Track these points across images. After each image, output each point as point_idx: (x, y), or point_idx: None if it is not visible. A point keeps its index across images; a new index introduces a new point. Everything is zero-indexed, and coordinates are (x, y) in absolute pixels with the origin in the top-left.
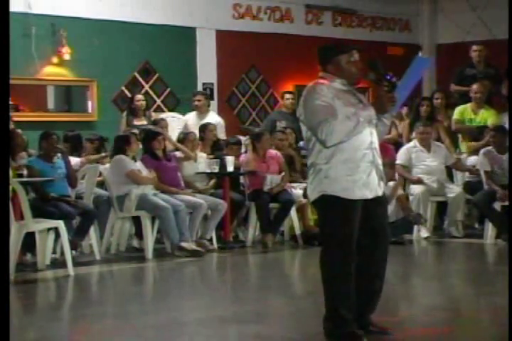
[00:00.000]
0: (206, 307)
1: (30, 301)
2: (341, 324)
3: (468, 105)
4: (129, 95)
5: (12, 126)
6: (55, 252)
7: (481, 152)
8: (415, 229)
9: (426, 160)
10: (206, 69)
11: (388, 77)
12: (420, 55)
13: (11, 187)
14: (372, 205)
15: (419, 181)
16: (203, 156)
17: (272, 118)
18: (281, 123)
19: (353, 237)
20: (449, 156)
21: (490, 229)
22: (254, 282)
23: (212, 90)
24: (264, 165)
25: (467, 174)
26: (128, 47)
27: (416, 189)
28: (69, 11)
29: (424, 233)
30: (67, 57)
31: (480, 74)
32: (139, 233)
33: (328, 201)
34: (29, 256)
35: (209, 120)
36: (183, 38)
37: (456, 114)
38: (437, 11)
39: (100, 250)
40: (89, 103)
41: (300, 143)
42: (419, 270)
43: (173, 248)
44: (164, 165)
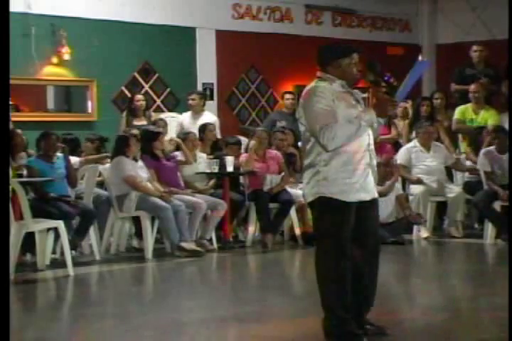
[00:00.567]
0: (206, 307)
1: (30, 301)
2: (339, 323)
3: (469, 105)
4: (128, 95)
5: (12, 126)
6: (54, 252)
7: (481, 152)
8: (415, 229)
9: (426, 161)
10: (206, 69)
11: (386, 78)
12: (420, 58)
13: (10, 187)
14: (366, 207)
15: (419, 181)
16: (202, 156)
17: (272, 118)
18: (281, 124)
19: (347, 239)
20: (449, 156)
21: (490, 229)
22: (254, 282)
23: (212, 90)
24: (264, 165)
25: (467, 174)
26: (128, 47)
27: (416, 189)
28: (69, 11)
29: (424, 233)
30: (67, 57)
31: (479, 75)
32: (139, 233)
33: (324, 203)
34: (29, 256)
35: (204, 120)
36: (183, 38)
37: (457, 113)
38: (437, 11)
39: (100, 250)
40: (89, 103)
41: (299, 143)
42: (419, 270)
43: (173, 248)
44: (164, 166)
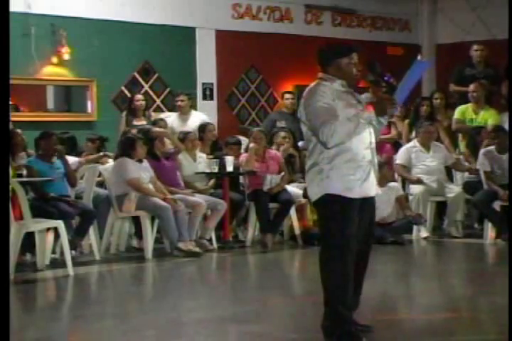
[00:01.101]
0: (206, 307)
1: (30, 301)
2: (341, 323)
3: (469, 105)
4: (128, 95)
5: (12, 125)
6: (54, 252)
7: (481, 152)
8: (415, 229)
9: (425, 160)
10: (206, 69)
11: (386, 78)
12: (419, 58)
13: (10, 187)
14: (365, 205)
15: (419, 181)
16: (202, 156)
17: (272, 118)
18: (281, 124)
19: (353, 235)
20: (449, 156)
21: (489, 229)
22: (254, 282)
23: (211, 90)
24: (264, 165)
25: (467, 174)
26: (128, 47)
27: (415, 189)
28: (69, 11)
29: (424, 233)
30: (67, 57)
31: (479, 74)
32: (139, 233)
33: (330, 200)
34: (29, 256)
35: (193, 120)
36: (183, 37)
37: (457, 113)
38: (437, 10)
39: (100, 250)
40: (89, 103)
41: (299, 143)
42: (419, 270)
43: (172, 248)
44: (163, 165)
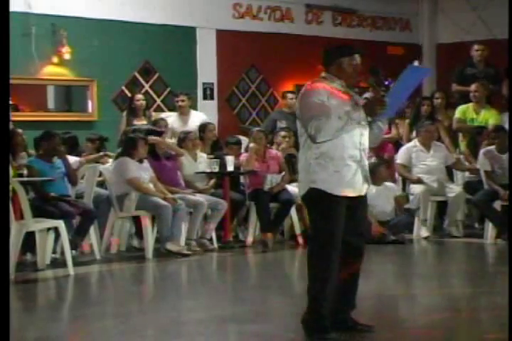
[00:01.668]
0: (206, 307)
1: (30, 301)
2: (319, 318)
3: (470, 105)
4: (129, 95)
5: (12, 125)
6: (55, 252)
7: (481, 152)
8: (415, 228)
9: (426, 160)
10: (206, 68)
11: (387, 82)
12: (416, 63)
13: (11, 187)
14: (354, 205)
15: (419, 181)
16: (203, 156)
17: (273, 118)
18: (282, 123)
19: (338, 233)
20: (449, 156)
21: (490, 229)
22: (254, 282)
23: (212, 90)
24: (264, 164)
25: (467, 174)
26: (128, 46)
27: (416, 188)
28: (69, 11)
29: (424, 233)
30: (67, 56)
31: (480, 74)
32: (139, 233)
33: (315, 195)
34: (29, 256)
35: (193, 120)
36: (183, 37)
37: (458, 113)
38: (437, 10)
39: (100, 250)
40: (89, 103)
41: None
42: (420, 270)
43: (162, 247)
44: (164, 165)
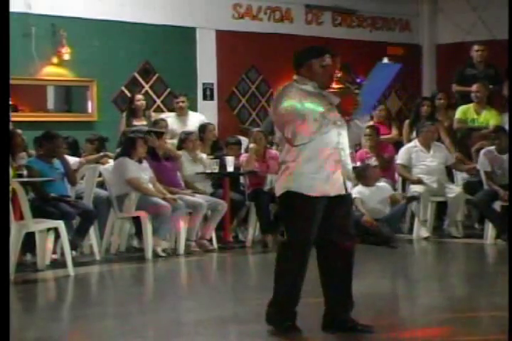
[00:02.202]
0: (206, 308)
1: (30, 301)
2: (281, 314)
3: (471, 105)
4: (128, 95)
5: (12, 126)
6: (55, 252)
7: (482, 152)
8: (415, 229)
9: (426, 160)
10: (206, 69)
11: (359, 80)
12: (386, 61)
13: (11, 187)
14: (335, 204)
15: (419, 181)
16: (203, 157)
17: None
18: None
19: (311, 233)
20: (449, 156)
21: (490, 230)
22: (254, 282)
23: (212, 90)
24: (264, 165)
25: (465, 174)
26: (128, 47)
27: (416, 189)
28: (69, 11)
29: (424, 233)
30: (67, 57)
31: (480, 75)
32: (139, 233)
33: (291, 197)
34: (29, 256)
35: (192, 121)
36: (183, 38)
37: (459, 113)
38: (437, 11)
39: (100, 250)
40: (89, 103)
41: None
42: (419, 270)
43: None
44: (164, 166)
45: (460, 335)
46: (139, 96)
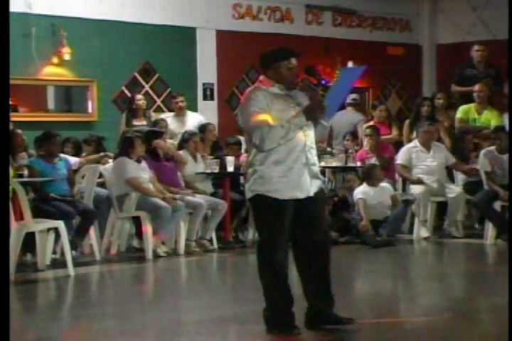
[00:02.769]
0: (206, 307)
1: (31, 301)
2: (279, 315)
3: (472, 105)
4: (129, 95)
5: (12, 126)
6: (55, 252)
7: (482, 152)
8: (415, 229)
9: (426, 161)
10: (206, 69)
11: (324, 82)
12: (350, 65)
13: (11, 188)
14: (305, 203)
15: (419, 181)
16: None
17: None
18: None
19: (283, 235)
20: (449, 156)
21: (490, 230)
22: (254, 282)
23: (212, 90)
24: None
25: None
26: (128, 47)
27: (416, 189)
28: (69, 11)
29: (424, 233)
30: (67, 57)
31: (480, 75)
32: (139, 233)
33: (260, 200)
34: (29, 256)
35: (191, 121)
36: (183, 38)
37: (460, 113)
38: (437, 11)
39: (100, 250)
40: (90, 103)
41: None
42: (419, 270)
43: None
44: (164, 166)
45: (460, 335)
46: (139, 96)
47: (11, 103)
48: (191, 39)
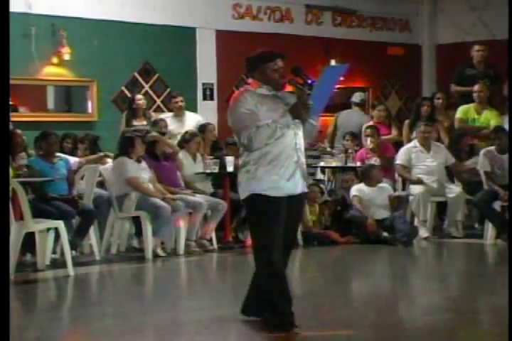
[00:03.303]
0: (206, 307)
1: (30, 301)
2: (277, 314)
3: (471, 105)
4: (128, 95)
5: (11, 126)
6: (55, 252)
7: (481, 152)
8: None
9: (426, 161)
10: (206, 69)
11: (310, 82)
12: (333, 63)
13: (10, 187)
14: (293, 203)
15: (419, 181)
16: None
17: None
18: None
19: (280, 232)
20: (449, 156)
21: (490, 229)
22: None
23: (212, 90)
24: None
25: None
26: (128, 47)
27: (416, 189)
28: (69, 11)
29: (424, 233)
30: (67, 57)
31: (480, 75)
32: (139, 233)
33: (256, 199)
34: (29, 256)
35: (190, 121)
36: (183, 38)
37: (460, 113)
38: (437, 11)
39: (100, 250)
40: (89, 103)
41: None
42: (419, 270)
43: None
44: (163, 166)
45: (460, 335)
46: (139, 96)
47: (12, 103)
48: (191, 39)
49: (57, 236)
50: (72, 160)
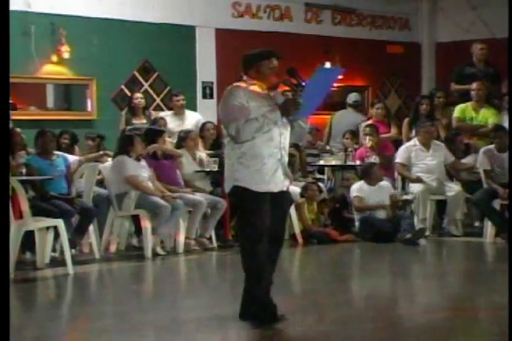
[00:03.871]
0: (205, 306)
1: (30, 300)
2: (263, 307)
3: (469, 104)
4: (128, 94)
5: (11, 124)
6: (54, 251)
7: (481, 151)
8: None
9: (425, 159)
10: (206, 67)
11: (304, 83)
12: (327, 65)
13: (10, 186)
14: (278, 199)
15: (419, 180)
16: (202, 155)
17: None
18: None
19: (263, 227)
20: (449, 155)
21: (489, 228)
22: None
23: (211, 89)
24: None
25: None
26: (127, 45)
27: (415, 188)
28: (68, 10)
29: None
30: (67, 55)
31: (479, 73)
32: (139, 231)
33: (240, 192)
34: (28, 255)
35: (189, 119)
36: (183, 36)
37: (457, 112)
38: (437, 9)
39: (99, 248)
40: (89, 101)
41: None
42: (419, 269)
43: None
44: (163, 164)
45: (460, 334)
46: (138, 95)
47: (11, 101)
48: (190, 37)
49: (57, 235)
50: (72, 158)
